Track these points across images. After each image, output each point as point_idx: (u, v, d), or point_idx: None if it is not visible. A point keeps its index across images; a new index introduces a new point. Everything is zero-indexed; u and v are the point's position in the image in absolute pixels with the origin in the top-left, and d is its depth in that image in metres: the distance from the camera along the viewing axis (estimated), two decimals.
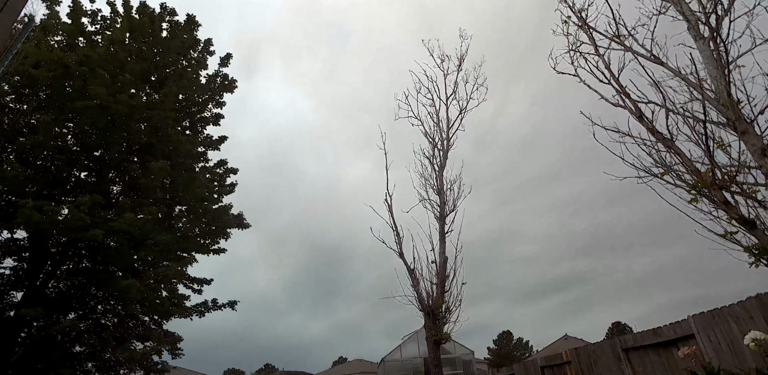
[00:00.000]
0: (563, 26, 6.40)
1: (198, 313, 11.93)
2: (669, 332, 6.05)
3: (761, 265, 4.24)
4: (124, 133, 10.47)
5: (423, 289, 9.55)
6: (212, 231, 12.27)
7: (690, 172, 4.73)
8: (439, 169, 11.15)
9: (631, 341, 6.86)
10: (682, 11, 5.18)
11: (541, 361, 9.52)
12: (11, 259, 9.74)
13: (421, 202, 10.96)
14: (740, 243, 4.39)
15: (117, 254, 9.59)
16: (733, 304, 5.01)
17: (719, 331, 5.16)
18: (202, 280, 12.24)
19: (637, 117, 5.31)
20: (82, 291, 10.38)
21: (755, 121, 4.33)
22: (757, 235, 4.20)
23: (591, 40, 6.04)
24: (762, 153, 4.11)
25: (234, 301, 12.21)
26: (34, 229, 8.55)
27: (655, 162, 5.13)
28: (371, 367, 40.86)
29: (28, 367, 8.89)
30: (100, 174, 10.77)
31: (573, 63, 6.21)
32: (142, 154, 10.74)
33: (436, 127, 11.79)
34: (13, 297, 9.71)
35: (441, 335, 9.04)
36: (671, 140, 4.96)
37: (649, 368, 6.47)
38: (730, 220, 4.42)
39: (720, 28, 4.69)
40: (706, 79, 4.79)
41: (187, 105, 12.50)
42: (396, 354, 24.63)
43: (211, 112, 13.25)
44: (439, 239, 10.18)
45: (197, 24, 12.68)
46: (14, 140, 9.22)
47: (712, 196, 4.49)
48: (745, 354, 4.74)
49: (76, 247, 9.86)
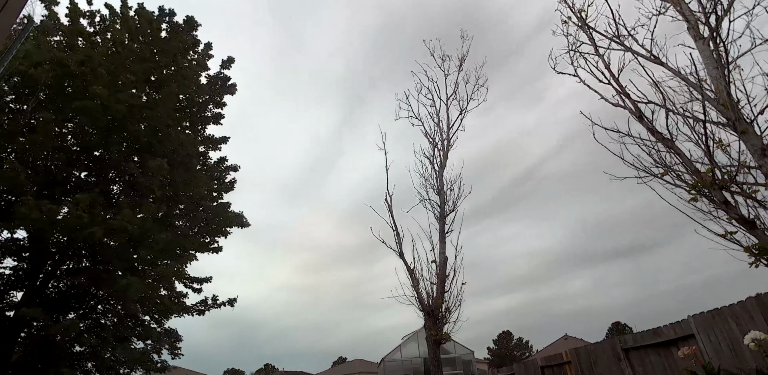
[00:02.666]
0: (563, 26, 6.40)
1: (198, 312, 11.94)
2: (669, 332, 6.06)
3: (761, 265, 4.24)
4: (124, 133, 10.47)
5: (423, 289, 9.55)
6: (212, 229, 12.29)
7: (690, 172, 4.73)
8: (439, 169, 11.14)
9: (631, 341, 6.86)
10: (681, 11, 5.18)
11: (541, 361, 9.53)
12: (11, 259, 9.75)
13: (421, 202, 10.96)
14: (740, 243, 4.39)
15: (116, 253, 9.60)
16: (733, 304, 5.02)
17: (719, 331, 5.16)
18: (201, 279, 12.26)
19: (637, 117, 5.31)
20: (82, 290, 10.39)
21: (755, 121, 4.33)
22: (757, 235, 4.20)
23: (591, 41, 6.04)
24: (762, 153, 4.11)
25: (233, 299, 12.22)
26: (33, 229, 8.55)
27: (655, 162, 5.14)
28: (371, 367, 40.87)
29: (28, 367, 8.90)
30: (100, 174, 10.77)
31: (573, 63, 6.22)
32: (142, 153, 10.73)
33: (437, 127, 11.79)
34: (13, 297, 9.72)
35: (441, 335, 9.04)
36: (671, 140, 4.96)
37: (649, 368, 6.47)
38: (730, 220, 4.42)
39: (720, 28, 4.69)
40: (706, 79, 4.80)
41: (187, 105, 12.51)
42: (396, 354, 24.63)
43: (211, 112, 13.27)
44: (439, 239, 10.17)
45: (197, 24, 12.68)
46: (14, 140, 9.22)
47: (712, 196, 4.49)
48: (745, 354, 4.74)
49: (75, 246, 9.85)
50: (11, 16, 2.57)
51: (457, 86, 12.11)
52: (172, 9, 12.35)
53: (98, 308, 10.79)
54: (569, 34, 6.34)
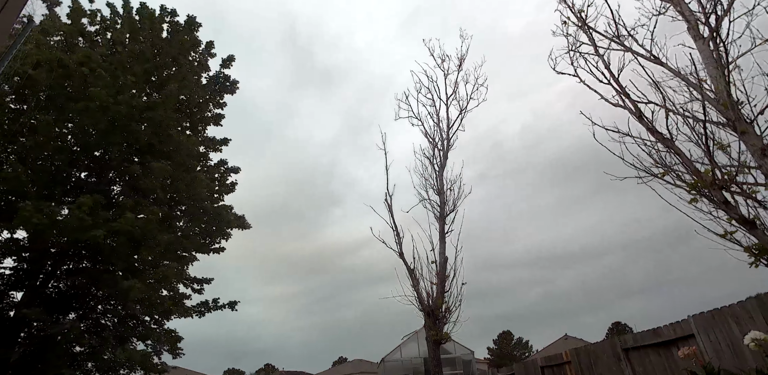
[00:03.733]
0: (563, 27, 6.41)
1: (198, 313, 11.93)
2: (669, 332, 6.05)
3: (761, 265, 4.24)
4: (125, 134, 10.46)
5: (423, 289, 9.56)
6: (213, 231, 12.28)
7: (690, 172, 4.74)
8: (439, 169, 11.15)
9: (631, 341, 6.86)
10: (681, 11, 5.18)
11: (541, 361, 9.53)
12: (11, 259, 9.74)
13: (421, 202, 10.97)
14: (740, 243, 4.40)
15: (117, 254, 9.59)
16: (733, 304, 5.01)
17: (719, 331, 5.16)
18: (202, 280, 12.25)
19: (637, 117, 5.31)
20: (82, 291, 10.38)
21: (755, 121, 4.33)
22: (757, 235, 4.20)
23: (591, 41, 6.05)
24: (762, 153, 4.11)
25: (234, 302, 12.21)
26: (33, 230, 8.55)
27: (655, 162, 5.14)
28: (371, 367, 40.87)
29: (28, 367, 8.89)
30: (101, 174, 10.76)
31: (573, 63, 6.22)
32: (143, 154, 10.73)
33: (437, 127, 11.80)
34: (13, 297, 9.72)
35: (441, 335, 9.04)
36: (671, 140, 4.96)
37: (649, 368, 6.47)
38: (730, 220, 4.43)
39: (720, 28, 4.69)
40: (706, 79, 4.80)
41: (188, 106, 12.50)
42: (396, 354, 24.61)
43: (212, 113, 13.26)
44: (439, 239, 10.18)
45: (198, 24, 12.67)
46: (14, 140, 9.22)
47: (712, 196, 4.49)
48: (745, 354, 4.74)
49: (76, 247, 9.85)
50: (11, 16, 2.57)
51: (457, 86, 12.13)
52: (174, 9, 12.35)
53: (98, 308, 10.79)
54: (569, 34, 6.35)
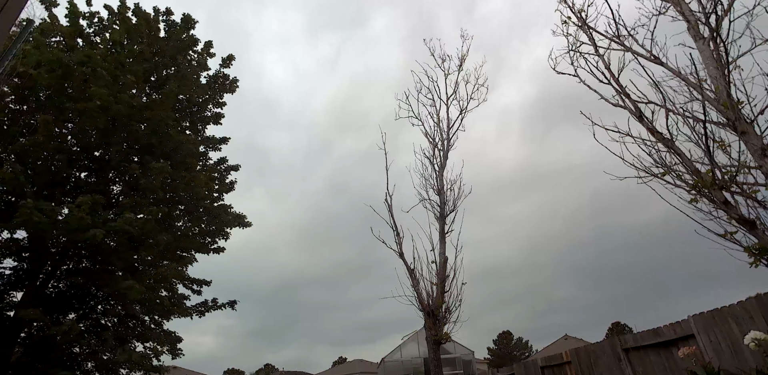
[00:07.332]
0: (563, 27, 6.41)
1: (198, 313, 11.94)
2: (669, 332, 6.05)
3: (761, 265, 4.24)
4: (124, 134, 10.47)
5: (423, 289, 9.54)
6: (212, 231, 12.29)
7: (690, 172, 4.74)
8: (439, 169, 11.12)
9: (631, 341, 6.86)
10: (681, 11, 5.18)
11: (541, 361, 9.53)
12: (11, 259, 9.75)
13: (421, 202, 10.94)
14: (740, 243, 4.39)
15: (117, 254, 9.59)
16: (733, 304, 5.01)
17: (719, 331, 5.15)
18: (201, 281, 12.26)
19: (637, 117, 5.31)
20: (82, 291, 10.39)
21: (755, 121, 4.33)
22: (757, 235, 4.20)
23: (591, 41, 6.04)
24: (762, 153, 4.11)
25: (234, 301, 12.24)
26: (33, 230, 8.55)
27: (655, 162, 5.14)
28: (371, 367, 40.89)
29: (28, 367, 8.89)
30: (100, 174, 10.76)
31: (573, 63, 6.22)
32: (143, 153, 10.74)
33: (437, 127, 11.76)
34: (13, 297, 9.72)
35: (441, 335, 9.03)
36: (671, 140, 4.96)
37: (649, 368, 6.47)
38: (730, 220, 4.42)
39: (720, 28, 4.69)
40: (706, 79, 4.79)
41: (187, 105, 12.51)
42: (396, 354, 24.61)
43: (211, 112, 13.27)
44: (439, 239, 10.16)
45: (194, 22, 12.67)
46: (14, 140, 9.22)
47: (712, 196, 4.49)
48: (745, 354, 4.73)
49: (76, 247, 9.85)
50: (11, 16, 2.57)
51: (457, 86, 12.10)
52: (168, 8, 12.34)
53: (98, 309, 10.79)
54: (569, 34, 6.35)
